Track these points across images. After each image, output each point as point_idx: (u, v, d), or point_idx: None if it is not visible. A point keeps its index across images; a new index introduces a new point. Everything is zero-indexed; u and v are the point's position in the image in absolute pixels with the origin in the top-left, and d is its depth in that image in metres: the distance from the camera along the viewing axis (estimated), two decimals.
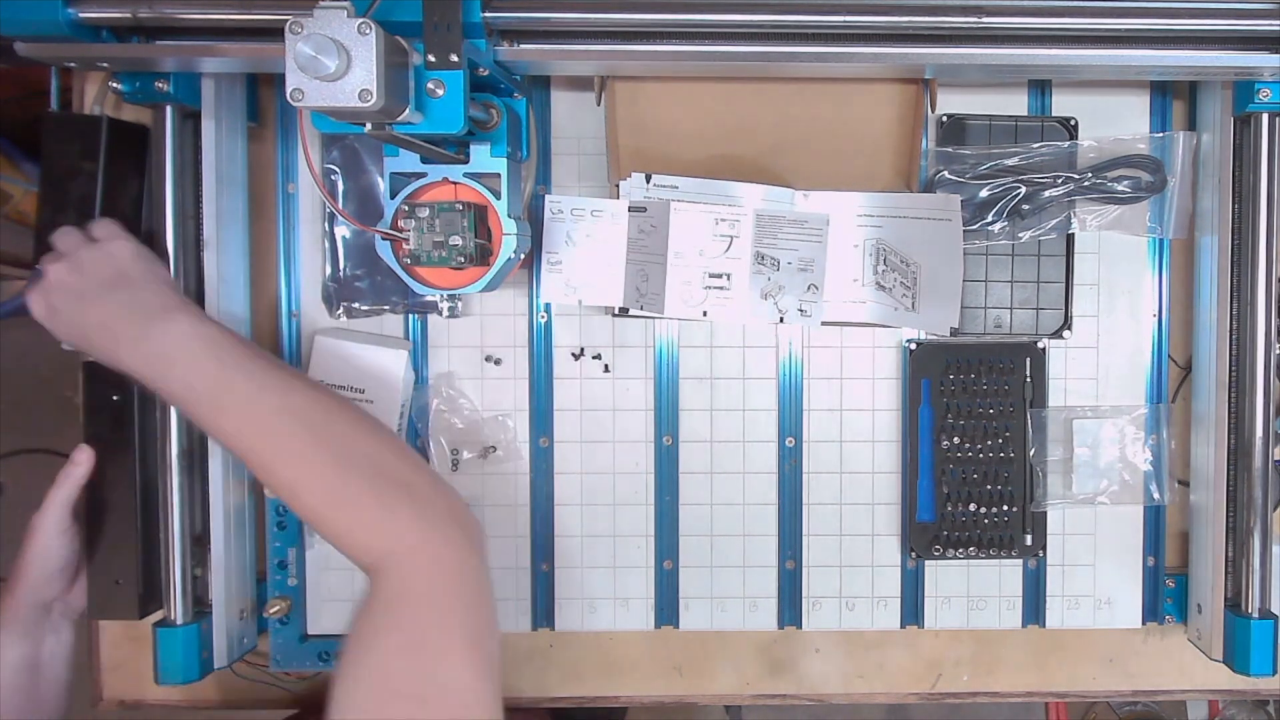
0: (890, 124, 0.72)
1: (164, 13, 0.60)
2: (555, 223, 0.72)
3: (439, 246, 0.61)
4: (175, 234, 0.67)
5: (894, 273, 0.71)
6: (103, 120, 0.67)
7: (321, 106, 0.49)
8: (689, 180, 0.70)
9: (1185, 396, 0.75)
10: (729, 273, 0.71)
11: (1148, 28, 0.62)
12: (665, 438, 0.75)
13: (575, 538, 0.75)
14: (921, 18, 0.61)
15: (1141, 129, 0.73)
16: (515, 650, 0.77)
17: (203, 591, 0.70)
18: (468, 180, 0.63)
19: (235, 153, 0.70)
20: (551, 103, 0.73)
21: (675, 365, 0.74)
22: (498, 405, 0.74)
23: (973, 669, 0.77)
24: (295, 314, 0.74)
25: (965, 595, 0.75)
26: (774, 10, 0.61)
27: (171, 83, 0.64)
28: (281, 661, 0.74)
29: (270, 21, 0.60)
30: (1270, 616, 0.69)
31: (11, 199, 1.37)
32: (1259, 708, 1.23)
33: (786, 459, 0.75)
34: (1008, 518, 0.74)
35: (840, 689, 0.77)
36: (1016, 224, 0.72)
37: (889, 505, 0.75)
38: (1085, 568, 0.75)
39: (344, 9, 0.48)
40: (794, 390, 0.75)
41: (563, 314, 0.74)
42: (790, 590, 0.75)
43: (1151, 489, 0.74)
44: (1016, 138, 0.72)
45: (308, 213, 0.73)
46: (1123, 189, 0.71)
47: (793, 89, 0.72)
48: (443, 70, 0.54)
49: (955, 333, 0.72)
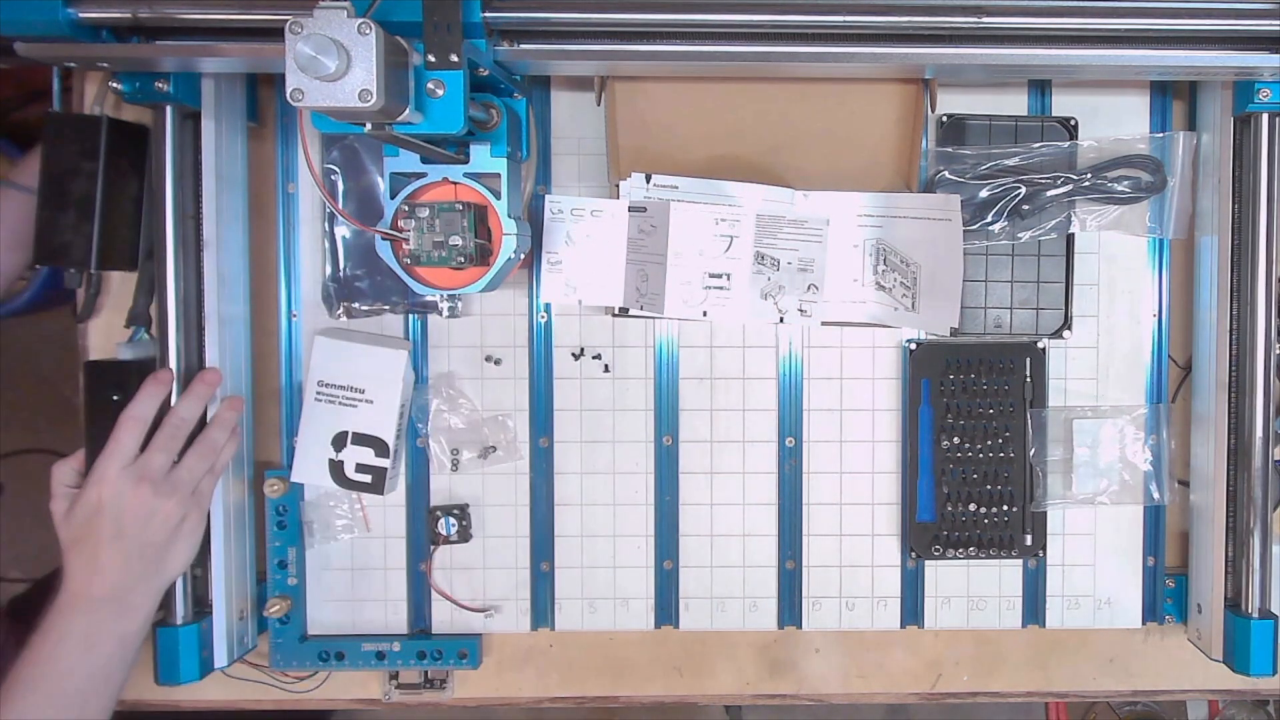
0: (890, 124, 0.72)
1: (164, 13, 0.60)
2: (555, 223, 0.72)
3: (439, 246, 0.61)
4: (175, 234, 0.67)
5: (894, 273, 0.71)
6: (103, 120, 0.67)
7: (321, 106, 0.49)
8: (689, 180, 0.70)
9: (1185, 396, 0.75)
10: (729, 273, 0.71)
11: (1148, 28, 0.62)
12: (665, 438, 0.75)
13: (575, 538, 0.75)
14: (921, 18, 0.61)
15: (1141, 129, 0.73)
16: (515, 650, 0.77)
17: (203, 591, 0.70)
18: (468, 180, 0.63)
19: (235, 153, 0.70)
20: (551, 103, 0.73)
21: (675, 365, 0.74)
22: (498, 405, 0.74)
23: (973, 669, 0.77)
24: (295, 314, 0.74)
25: (965, 595, 0.75)
26: (774, 10, 0.61)
27: (171, 83, 0.64)
28: (281, 661, 0.74)
29: (270, 21, 0.60)
30: (1270, 616, 0.69)
31: None
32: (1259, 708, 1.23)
33: (786, 459, 0.75)
34: (1008, 518, 0.74)
35: (840, 689, 0.77)
36: (1016, 224, 0.72)
37: (889, 505, 0.75)
38: (1085, 568, 0.75)
39: (344, 9, 0.48)
40: (794, 390, 0.75)
41: (563, 314, 0.74)
42: (790, 590, 0.75)
43: (1151, 489, 0.74)
44: (1016, 138, 0.72)
45: (308, 213, 0.73)
46: (1123, 189, 0.71)
47: (793, 89, 0.72)
48: (443, 70, 0.54)
49: (955, 333, 0.72)
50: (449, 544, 0.74)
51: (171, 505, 0.64)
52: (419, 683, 0.76)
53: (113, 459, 0.63)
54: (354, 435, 0.72)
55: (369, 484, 0.72)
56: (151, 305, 0.70)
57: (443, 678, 0.76)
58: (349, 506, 0.74)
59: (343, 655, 0.74)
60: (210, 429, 0.67)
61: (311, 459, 0.72)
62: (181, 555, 0.66)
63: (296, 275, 0.73)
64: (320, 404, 0.72)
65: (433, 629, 0.75)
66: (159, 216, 0.67)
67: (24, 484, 1.40)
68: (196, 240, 0.68)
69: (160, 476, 0.64)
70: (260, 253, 0.73)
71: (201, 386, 0.67)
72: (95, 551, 0.62)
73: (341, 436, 0.72)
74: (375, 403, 0.72)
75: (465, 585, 0.75)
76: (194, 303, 0.68)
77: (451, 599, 0.75)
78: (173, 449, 0.65)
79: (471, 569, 0.75)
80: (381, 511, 0.75)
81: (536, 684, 0.77)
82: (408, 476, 0.74)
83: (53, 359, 1.51)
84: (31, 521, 1.40)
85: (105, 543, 0.62)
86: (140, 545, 0.63)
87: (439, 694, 0.76)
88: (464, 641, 0.74)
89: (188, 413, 0.66)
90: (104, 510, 0.62)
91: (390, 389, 0.72)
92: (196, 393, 0.67)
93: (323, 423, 0.72)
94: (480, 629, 0.75)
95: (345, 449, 0.72)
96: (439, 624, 0.75)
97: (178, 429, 0.65)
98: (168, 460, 0.65)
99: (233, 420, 0.69)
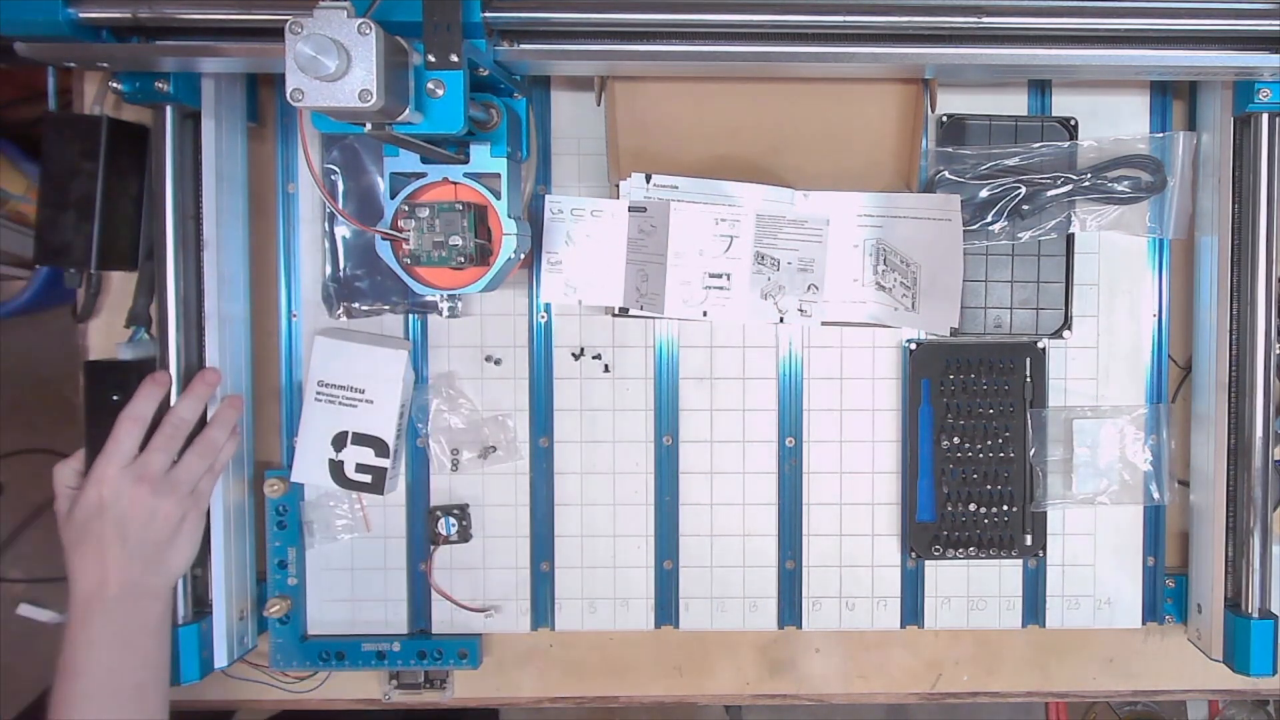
0: (890, 124, 0.72)
1: (164, 13, 0.60)
2: (555, 223, 0.72)
3: (439, 246, 0.61)
4: (175, 234, 0.67)
5: (894, 273, 0.71)
6: (103, 120, 0.67)
7: (321, 106, 0.49)
8: (689, 180, 0.70)
9: (1185, 396, 0.75)
10: (729, 273, 0.71)
11: (1148, 28, 0.62)
12: (665, 438, 0.75)
13: (575, 538, 0.75)
14: (921, 18, 0.61)
15: (1141, 129, 0.73)
16: (515, 650, 0.77)
17: (203, 591, 0.70)
18: (468, 180, 0.63)
19: (235, 153, 0.70)
20: (551, 103, 0.73)
21: (675, 365, 0.74)
22: (498, 405, 0.74)
23: (973, 669, 0.77)
24: (295, 314, 0.74)
25: (965, 595, 0.75)
26: (774, 10, 0.61)
27: (171, 83, 0.64)
28: (281, 661, 0.74)
29: (270, 21, 0.60)
30: (1270, 616, 0.69)
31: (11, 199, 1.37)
32: (1259, 708, 1.23)
33: (786, 459, 0.75)
34: (1008, 518, 0.74)
35: (840, 689, 0.77)
36: (1016, 224, 0.72)
37: (889, 505, 0.75)
38: (1085, 568, 0.75)
39: (344, 9, 0.48)
40: (794, 390, 0.75)
41: (563, 314, 0.74)
42: (790, 590, 0.75)
43: (1151, 489, 0.74)
44: (1016, 138, 0.72)
45: (308, 213, 0.73)
46: (1123, 189, 0.71)
47: (793, 89, 0.72)
48: (443, 70, 0.54)
49: (955, 333, 0.72)
50: (449, 544, 0.74)
51: (171, 504, 0.64)
52: (419, 683, 0.76)
53: (112, 459, 0.63)
54: (354, 435, 0.72)
55: (369, 484, 0.72)
56: (151, 305, 0.70)
57: (443, 678, 0.76)
58: (349, 506, 0.74)
59: (343, 655, 0.74)
60: (210, 428, 0.67)
61: (311, 459, 0.72)
62: (183, 554, 0.66)
63: (296, 275, 0.73)
64: (320, 404, 0.72)
65: (433, 629, 0.75)
66: (159, 216, 0.67)
67: (24, 484, 1.40)
68: (196, 240, 0.68)
69: (159, 476, 0.64)
70: (260, 253, 0.73)
71: (201, 386, 0.67)
72: (100, 552, 0.62)
73: (341, 436, 0.72)
74: (375, 403, 0.72)
75: (465, 585, 0.75)
76: (194, 303, 0.68)
77: (451, 599, 0.75)
78: (172, 449, 0.65)
79: (471, 569, 0.75)
80: (381, 511, 0.75)
81: (536, 684, 0.77)
82: (408, 476, 0.74)
83: (53, 359, 1.51)
84: (32, 521, 1.40)
85: (108, 543, 0.62)
86: (142, 544, 0.63)
87: (439, 694, 0.76)
88: (464, 641, 0.74)
89: (187, 412, 0.66)
90: (105, 510, 0.62)
91: (390, 389, 0.72)
92: (196, 392, 0.67)
93: (323, 423, 0.72)
94: (480, 629, 0.75)
95: (345, 449, 0.72)
96: (439, 624, 0.75)
97: (177, 429, 0.65)
98: (167, 460, 0.65)
99: (232, 419, 0.69)
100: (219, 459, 0.68)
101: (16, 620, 0.66)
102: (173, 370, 0.67)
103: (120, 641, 0.62)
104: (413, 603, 0.75)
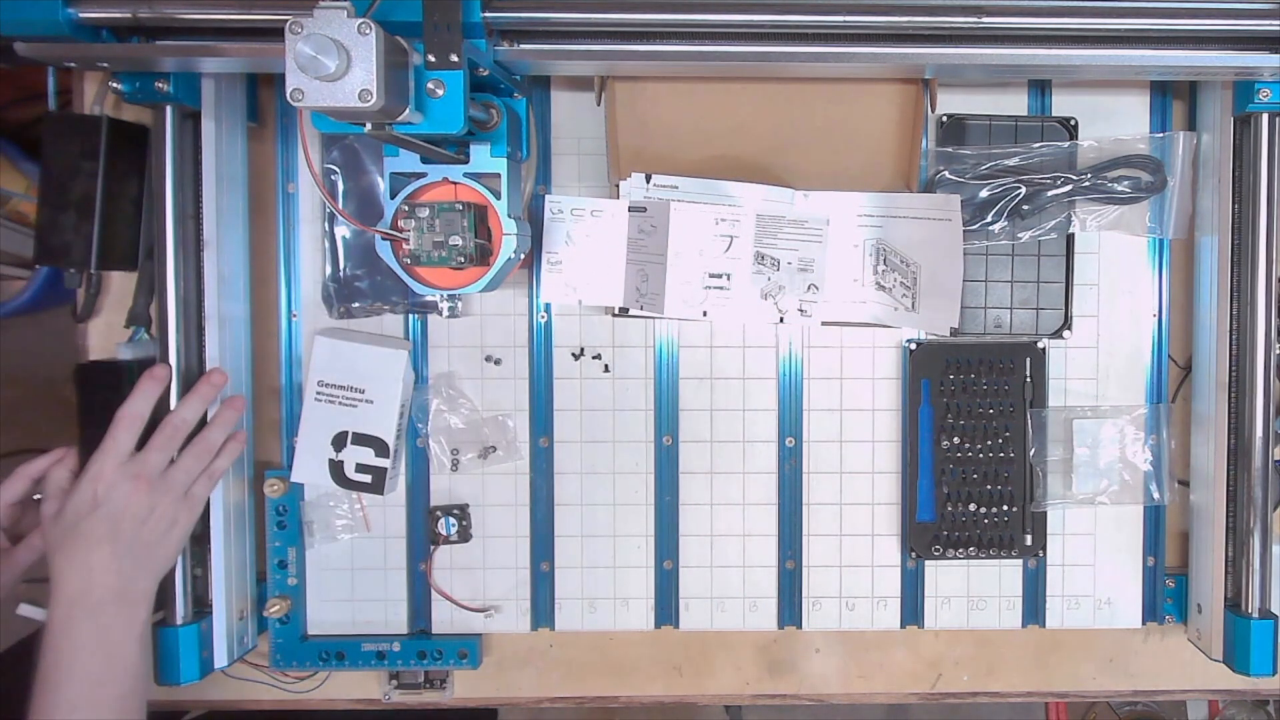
0: (890, 124, 0.72)
1: (164, 13, 0.60)
2: (555, 223, 0.72)
3: (439, 246, 0.61)
4: (175, 234, 0.67)
5: (894, 273, 0.71)
6: (103, 120, 0.67)
7: (321, 106, 0.49)
8: (689, 180, 0.70)
9: (1185, 396, 0.75)
10: (729, 273, 0.71)
11: (1148, 28, 0.62)
12: (665, 438, 0.75)
13: (575, 538, 0.75)
14: (921, 18, 0.61)
15: (1141, 129, 0.73)
16: (515, 650, 0.77)
17: (203, 591, 0.70)
18: (468, 180, 0.63)
19: (235, 153, 0.70)
20: (551, 103, 0.73)
21: (675, 365, 0.74)
22: (498, 405, 0.74)
23: (973, 669, 0.77)
24: (295, 314, 0.74)
25: (965, 595, 0.75)
26: (774, 10, 0.61)
27: (171, 83, 0.64)
28: (281, 661, 0.74)
29: (270, 21, 0.60)
30: (1270, 616, 0.69)
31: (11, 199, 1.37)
32: (1259, 708, 1.23)
33: (786, 459, 0.75)
34: (1008, 518, 0.74)
35: (840, 689, 0.77)
36: (1016, 224, 0.72)
37: (889, 505, 0.75)
38: (1085, 568, 0.75)
39: (344, 9, 0.48)
40: (794, 390, 0.75)
41: (563, 314, 0.74)
42: (790, 590, 0.75)
43: (1151, 489, 0.74)
44: (1016, 138, 0.72)
45: (308, 213, 0.73)
46: (1123, 189, 0.71)
47: (793, 89, 0.72)
48: (443, 70, 0.54)
49: (955, 333, 0.72)
50: (449, 544, 0.74)
51: (166, 505, 0.64)
52: (419, 683, 0.76)
53: (109, 455, 0.63)
54: (354, 435, 0.72)
55: (369, 484, 0.72)
56: (151, 305, 0.70)
57: (443, 678, 0.76)
58: (349, 506, 0.74)
59: (343, 655, 0.74)
60: (208, 429, 0.67)
61: (311, 459, 0.72)
62: (170, 559, 0.65)
63: (296, 275, 0.73)
64: (320, 404, 0.72)
65: (433, 629, 0.75)
66: (159, 216, 0.67)
67: None
68: (196, 240, 0.68)
69: (156, 475, 0.64)
70: (260, 253, 0.73)
71: (206, 388, 0.67)
72: (86, 553, 0.61)
73: (341, 436, 0.72)
74: (375, 403, 0.72)
75: (465, 585, 0.75)
76: (194, 303, 0.68)
77: (451, 599, 0.75)
78: (171, 449, 0.65)
79: (471, 569, 0.75)
80: (381, 511, 0.75)
81: (536, 684, 0.77)
82: (408, 476, 0.74)
83: (53, 359, 1.51)
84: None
85: (96, 543, 0.61)
86: (132, 544, 0.62)
87: (439, 694, 0.76)
88: (464, 641, 0.74)
89: (189, 413, 0.66)
90: (98, 507, 0.62)
91: (390, 389, 0.72)
92: (200, 394, 0.67)
93: (323, 422, 0.72)
94: (480, 629, 0.75)
95: (345, 449, 0.72)
96: (439, 624, 0.75)
97: (177, 429, 0.65)
98: (164, 459, 0.64)
99: (233, 421, 0.68)
100: (218, 462, 0.67)
101: (16, 620, 0.66)
102: (170, 364, 0.67)
103: (105, 649, 0.60)
104: (413, 603, 0.75)
